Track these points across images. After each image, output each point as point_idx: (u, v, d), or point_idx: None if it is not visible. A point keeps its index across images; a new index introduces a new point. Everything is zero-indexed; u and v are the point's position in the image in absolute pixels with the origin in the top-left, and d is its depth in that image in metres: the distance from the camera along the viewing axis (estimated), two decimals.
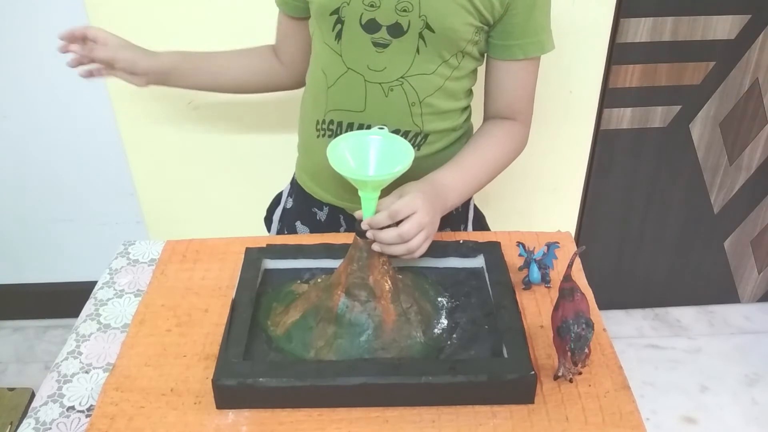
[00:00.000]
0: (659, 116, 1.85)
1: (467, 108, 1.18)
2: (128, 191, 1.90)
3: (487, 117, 1.17)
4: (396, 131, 1.09)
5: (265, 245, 1.09)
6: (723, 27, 1.71)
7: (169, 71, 1.21)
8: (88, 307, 1.06)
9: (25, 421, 0.89)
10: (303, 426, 0.85)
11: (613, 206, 2.00)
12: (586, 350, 0.83)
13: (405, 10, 1.00)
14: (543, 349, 0.94)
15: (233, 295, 0.98)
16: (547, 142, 1.83)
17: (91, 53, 1.15)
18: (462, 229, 1.26)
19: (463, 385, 0.85)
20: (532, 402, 0.87)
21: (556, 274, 1.05)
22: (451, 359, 0.91)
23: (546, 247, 1.04)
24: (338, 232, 1.24)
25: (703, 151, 1.92)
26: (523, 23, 1.06)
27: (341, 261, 0.97)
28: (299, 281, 1.05)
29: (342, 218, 1.24)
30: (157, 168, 1.81)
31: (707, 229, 2.07)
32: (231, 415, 0.86)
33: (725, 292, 2.23)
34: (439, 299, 1.01)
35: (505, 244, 1.09)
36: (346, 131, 1.10)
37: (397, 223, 0.93)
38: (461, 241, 1.09)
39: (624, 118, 1.84)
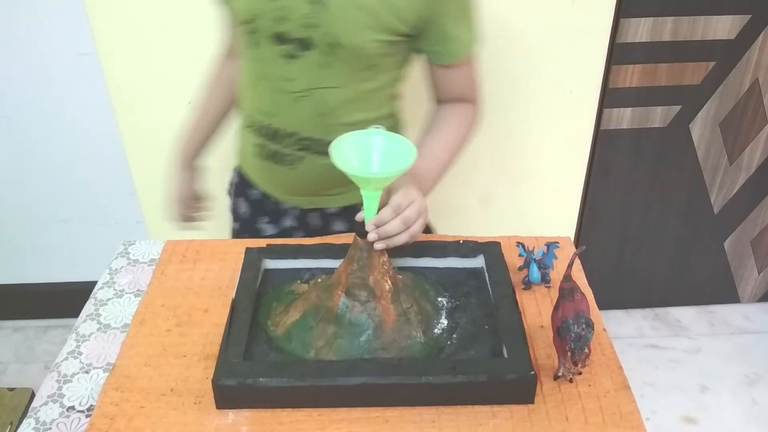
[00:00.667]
0: (659, 116, 1.85)
1: (389, 117, 1.17)
2: (128, 191, 1.90)
3: (437, 102, 1.18)
4: (307, 139, 1.11)
5: (265, 245, 1.09)
6: (723, 27, 1.71)
7: (196, 155, 1.35)
8: (88, 307, 1.06)
9: (25, 421, 0.89)
10: (303, 426, 0.85)
11: (613, 206, 2.00)
12: (586, 350, 0.83)
13: (311, 26, 1.01)
14: (543, 349, 0.94)
15: (233, 295, 0.98)
16: (547, 142, 1.83)
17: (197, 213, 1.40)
18: None
19: (463, 385, 0.85)
20: (532, 402, 0.87)
21: (556, 274, 1.05)
22: (451, 359, 0.91)
23: (546, 247, 1.04)
24: (268, 208, 1.27)
25: (703, 151, 1.92)
26: (448, 30, 1.06)
27: (341, 261, 0.97)
28: (299, 281, 1.05)
29: (266, 203, 1.27)
30: (157, 168, 1.81)
31: (707, 229, 2.07)
32: (231, 415, 0.86)
33: (725, 292, 2.23)
34: (439, 299, 1.01)
35: (505, 244, 1.09)
36: (262, 131, 1.14)
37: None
38: (461, 241, 1.09)
39: (624, 118, 1.84)
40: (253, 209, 1.30)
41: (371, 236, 0.92)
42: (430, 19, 1.04)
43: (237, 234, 1.34)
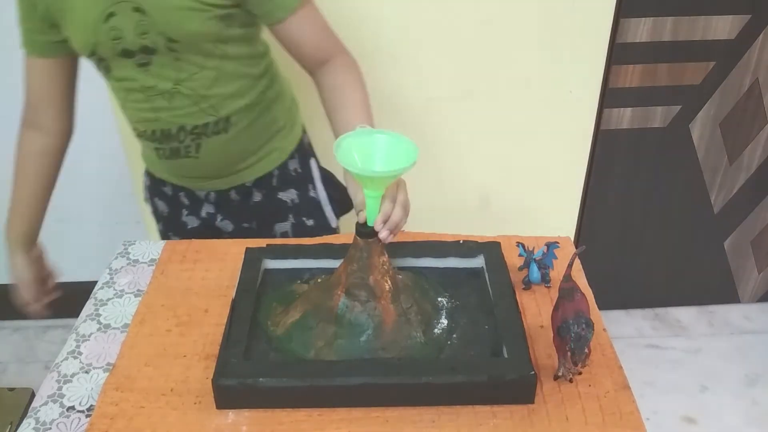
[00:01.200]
0: (659, 116, 1.85)
1: (263, 75, 1.20)
2: (128, 191, 1.90)
3: (310, 70, 1.17)
4: (196, 126, 1.15)
5: (265, 245, 1.09)
6: (723, 27, 1.71)
7: (27, 239, 1.32)
8: (88, 307, 1.06)
9: (25, 421, 0.89)
10: (303, 426, 0.85)
11: (613, 206, 2.00)
12: (586, 350, 0.83)
13: (144, 33, 1.05)
14: (543, 349, 0.94)
15: (233, 295, 0.98)
16: (547, 142, 1.83)
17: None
18: (310, 189, 1.32)
19: (463, 385, 0.85)
20: (532, 402, 0.87)
21: (556, 274, 1.05)
22: (451, 359, 0.91)
23: (546, 247, 1.04)
24: (184, 202, 1.31)
25: (703, 151, 1.92)
26: None
27: (341, 261, 0.97)
28: (299, 281, 1.05)
29: (183, 195, 1.31)
30: None
31: (707, 229, 2.07)
32: (231, 415, 0.86)
33: (725, 292, 2.23)
34: (439, 299, 1.01)
35: (505, 244, 1.09)
36: (153, 137, 1.18)
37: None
38: (461, 241, 1.09)
39: (624, 118, 1.84)
40: (171, 206, 1.33)
41: (383, 234, 0.91)
42: None
43: (163, 234, 1.38)
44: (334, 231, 1.36)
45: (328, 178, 1.36)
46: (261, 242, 1.11)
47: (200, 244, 1.17)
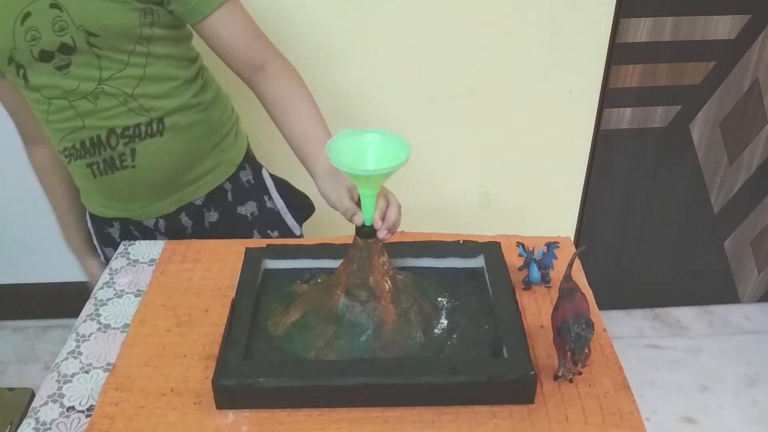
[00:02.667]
0: (659, 116, 1.85)
1: (194, 79, 1.17)
2: None
3: (246, 77, 1.15)
4: (127, 128, 1.11)
5: (265, 245, 1.09)
6: (723, 27, 1.71)
7: (88, 243, 1.35)
8: (88, 307, 1.06)
9: (25, 421, 0.89)
10: (303, 426, 0.85)
11: (613, 206, 2.00)
12: (586, 350, 0.83)
13: (62, 29, 1.02)
14: (543, 349, 0.94)
15: (233, 295, 0.98)
16: (547, 142, 1.83)
17: None
18: (267, 200, 1.30)
19: (463, 385, 0.85)
20: (532, 402, 0.87)
21: (556, 274, 1.05)
22: (451, 359, 0.91)
23: (546, 247, 1.04)
24: (137, 238, 1.26)
25: (703, 151, 1.92)
26: None
27: (341, 261, 0.97)
28: (299, 281, 1.05)
29: (133, 229, 1.26)
30: None
31: (707, 229, 2.07)
32: (231, 415, 0.86)
33: (725, 292, 2.23)
34: (439, 299, 1.01)
35: (505, 244, 1.09)
36: (83, 150, 1.13)
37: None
38: (461, 241, 1.09)
39: (624, 118, 1.84)
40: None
41: (381, 234, 0.91)
42: None
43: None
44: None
45: (282, 185, 1.33)
46: (261, 242, 1.11)
47: (200, 244, 1.17)
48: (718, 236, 2.09)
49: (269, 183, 1.31)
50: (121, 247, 1.19)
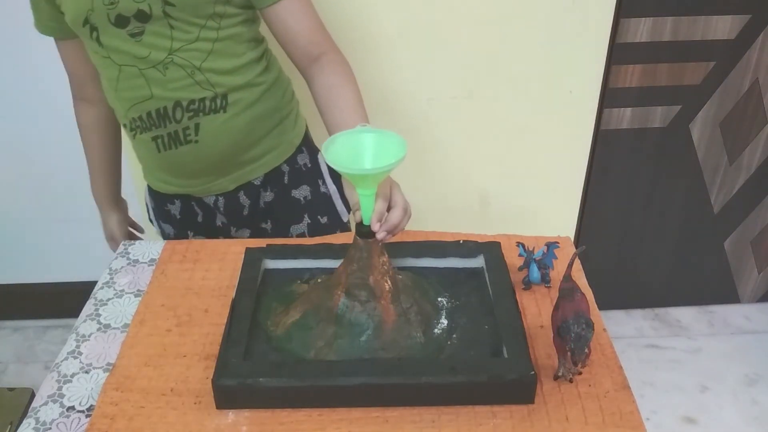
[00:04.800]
0: (659, 116, 1.85)
1: (259, 61, 1.19)
2: (128, 191, 1.89)
3: (302, 67, 1.17)
4: (193, 101, 1.13)
5: (265, 245, 1.09)
6: (723, 27, 1.71)
7: (111, 196, 1.45)
8: (88, 307, 1.06)
9: (25, 421, 0.89)
10: (303, 426, 0.85)
11: (613, 206, 2.00)
12: (586, 350, 0.83)
13: None
14: (543, 349, 0.94)
15: (233, 295, 0.98)
16: (547, 142, 1.83)
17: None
18: (320, 184, 1.32)
19: (463, 385, 0.85)
20: (532, 402, 0.87)
21: (556, 274, 1.05)
22: (451, 359, 0.91)
23: (546, 247, 1.04)
24: (197, 221, 1.30)
25: (703, 151, 1.92)
26: None
27: (341, 261, 0.97)
28: (299, 281, 1.05)
29: (195, 206, 1.29)
30: None
31: (707, 229, 2.07)
32: (231, 415, 0.86)
33: (725, 292, 2.23)
34: (439, 299, 1.01)
35: (505, 244, 1.09)
36: (149, 122, 1.16)
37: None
38: (461, 241, 1.09)
39: (624, 118, 1.84)
40: (178, 227, 1.32)
41: (380, 235, 0.91)
42: None
43: None
44: (346, 226, 1.35)
45: (334, 171, 1.34)
46: (261, 242, 1.11)
47: (200, 244, 1.17)
48: (718, 236, 2.09)
49: (324, 168, 1.33)
50: (120, 247, 1.19)
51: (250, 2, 1.13)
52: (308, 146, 1.32)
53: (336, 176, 1.34)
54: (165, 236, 1.36)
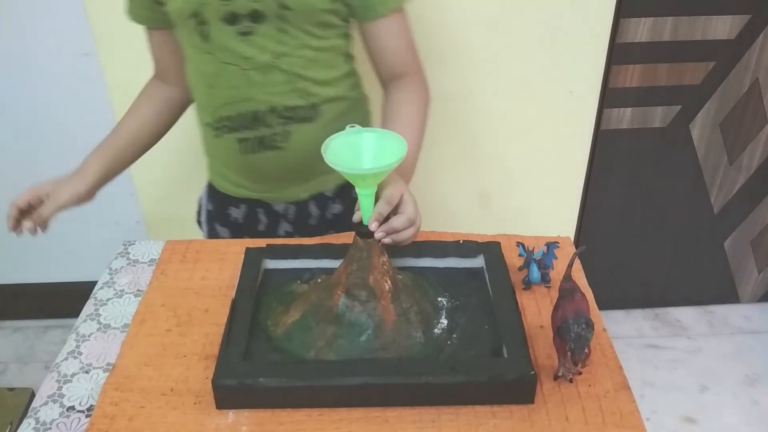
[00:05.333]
0: (659, 116, 1.85)
1: (350, 75, 1.20)
2: (128, 191, 1.90)
3: (384, 81, 1.19)
4: (288, 108, 1.12)
5: (265, 245, 1.09)
6: (723, 27, 1.71)
7: (103, 178, 1.20)
8: (88, 307, 1.06)
9: (25, 421, 0.89)
10: (303, 426, 0.85)
11: (613, 206, 2.00)
12: (586, 350, 0.83)
13: None
14: (543, 349, 0.94)
15: (233, 295, 0.98)
16: (547, 142, 1.83)
17: (39, 218, 1.14)
18: None
19: (463, 385, 0.85)
20: (532, 402, 0.87)
21: (556, 274, 1.05)
22: (451, 359, 0.91)
23: (546, 247, 1.04)
24: (257, 228, 1.28)
25: (703, 151, 1.92)
26: None
27: (341, 261, 0.97)
28: (299, 281, 1.05)
29: (261, 213, 1.27)
30: (157, 168, 1.81)
31: (707, 229, 2.07)
32: (231, 415, 0.86)
33: (725, 292, 2.23)
34: (439, 299, 1.01)
35: (505, 244, 1.09)
36: (240, 123, 1.14)
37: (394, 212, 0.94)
38: (461, 241, 1.09)
39: (624, 118, 1.84)
40: (236, 232, 1.29)
41: (379, 234, 0.91)
42: None
43: None
44: None
45: None
46: (261, 242, 1.11)
47: (200, 244, 1.17)
48: (717, 236, 2.09)
49: None
50: (120, 247, 1.19)
51: (355, 15, 1.12)
52: None
53: None
54: (214, 236, 1.32)
